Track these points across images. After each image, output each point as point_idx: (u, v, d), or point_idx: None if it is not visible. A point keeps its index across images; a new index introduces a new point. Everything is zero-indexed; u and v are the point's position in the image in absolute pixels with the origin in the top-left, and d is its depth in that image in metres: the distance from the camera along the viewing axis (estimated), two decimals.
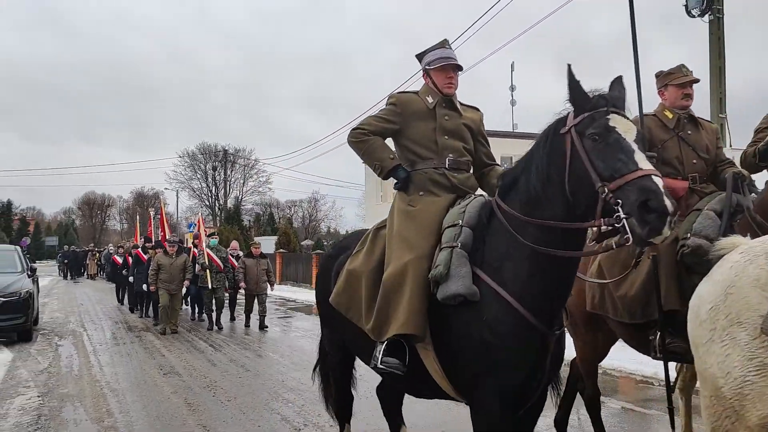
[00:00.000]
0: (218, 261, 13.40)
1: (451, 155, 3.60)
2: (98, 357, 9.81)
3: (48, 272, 37.68)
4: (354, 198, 73.31)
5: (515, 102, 36.07)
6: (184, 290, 13.89)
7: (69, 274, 33.98)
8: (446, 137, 3.62)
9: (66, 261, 34.93)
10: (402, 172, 3.58)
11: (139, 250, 15.78)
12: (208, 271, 13.12)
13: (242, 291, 13.57)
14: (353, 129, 3.73)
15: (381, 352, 3.22)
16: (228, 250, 14.75)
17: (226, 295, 14.09)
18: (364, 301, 3.42)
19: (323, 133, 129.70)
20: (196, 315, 14.93)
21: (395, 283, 3.20)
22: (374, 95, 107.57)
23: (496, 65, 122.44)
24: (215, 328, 12.94)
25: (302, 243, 47.66)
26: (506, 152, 30.60)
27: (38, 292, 14.57)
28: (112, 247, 31.80)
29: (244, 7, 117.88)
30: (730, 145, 11.42)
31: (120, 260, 18.85)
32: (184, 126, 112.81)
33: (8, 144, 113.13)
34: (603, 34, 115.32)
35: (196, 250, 14.25)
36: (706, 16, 11.76)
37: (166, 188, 72.01)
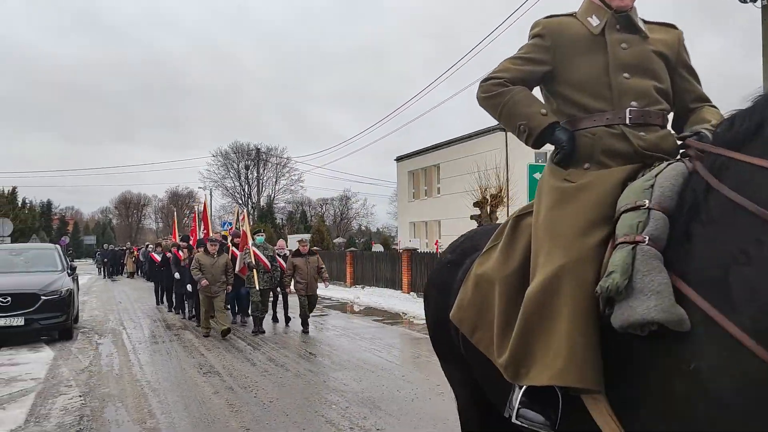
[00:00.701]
0: (265, 260, 12.46)
1: (635, 103, 2.38)
2: (138, 356, 9.77)
3: (86, 271, 38.34)
4: (385, 196, 73.16)
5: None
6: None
7: (108, 273, 34.14)
8: (626, 75, 2.40)
9: (105, 260, 35.00)
10: (563, 134, 2.41)
11: (177, 249, 15.11)
12: (255, 271, 12.19)
13: (293, 292, 12.52)
14: (483, 80, 2.63)
15: (518, 400, 2.18)
16: (275, 248, 13.84)
17: (273, 295, 13.38)
18: (496, 321, 2.37)
19: (356, 131, 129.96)
20: (238, 318, 13.82)
21: (543, 302, 2.11)
22: (408, 92, 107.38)
23: None
24: (260, 332, 11.89)
25: (334, 241, 47.76)
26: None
27: (78, 290, 14.69)
28: (150, 245, 32.07)
29: (281, 6, 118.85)
30: None
31: (158, 258, 17.98)
32: (218, 125, 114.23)
33: (49, 145, 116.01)
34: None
35: (235, 249, 13.09)
36: (759, 1, 11.24)
37: (199, 187, 72.89)
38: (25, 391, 7.39)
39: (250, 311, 12.59)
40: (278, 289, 13.25)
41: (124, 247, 39.28)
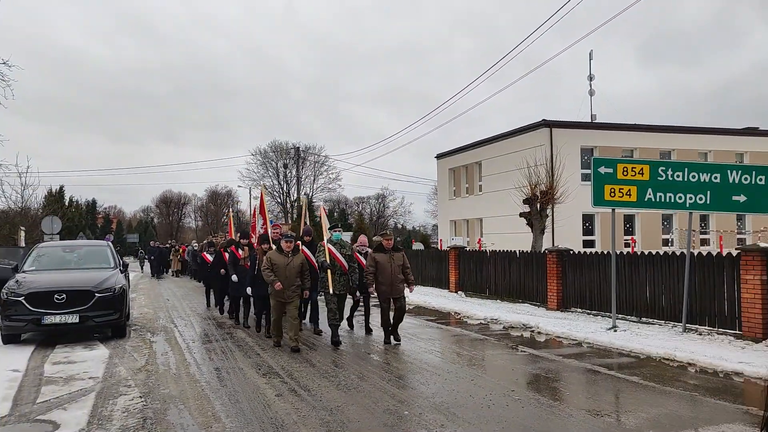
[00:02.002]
0: (342, 260, 10.64)
1: None
2: (193, 355, 9.57)
3: (134, 268, 38.78)
4: (423, 194, 72.68)
5: (594, 92, 34.47)
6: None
7: (154, 272, 33.46)
8: None
9: (152, 257, 33.98)
10: None
11: (234, 247, 13.46)
12: (329, 272, 10.44)
13: (374, 296, 10.81)
14: None
15: None
16: (355, 246, 11.94)
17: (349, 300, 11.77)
18: None
19: (394, 130, 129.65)
20: (311, 327, 12.20)
21: None
22: (447, 90, 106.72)
23: (574, 55, 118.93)
24: (339, 343, 10.21)
25: (373, 239, 47.57)
26: (585, 143, 29.47)
27: (129, 287, 14.64)
28: (195, 244, 31.91)
29: (322, 6, 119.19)
30: None
31: (210, 258, 16.44)
32: (259, 124, 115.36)
33: (94, 145, 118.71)
34: (691, 18, 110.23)
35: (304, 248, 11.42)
36: None
37: (239, 186, 73.64)
38: (85, 391, 7.22)
39: (328, 320, 10.52)
40: (357, 293, 11.52)
41: (169, 245, 39.16)
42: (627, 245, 26.80)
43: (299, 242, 11.15)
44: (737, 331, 10.42)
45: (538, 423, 5.78)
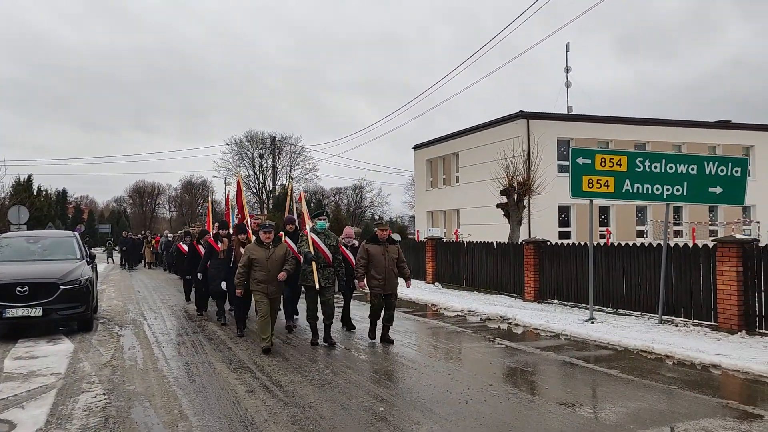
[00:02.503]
0: (326, 250, 9.54)
1: None
2: (162, 349, 9.27)
3: (102, 259, 38.03)
4: (400, 185, 72.51)
5: (570, 84, 34.62)
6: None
7: (127, 263, 32.54)
8: None
9: (124, 248, 32.86)
10: None
11: (212, 238, 12.44)
12: (314, 264, 9.35)
13: (363, 290, 10.10)
14: None
15: None
16: (341, 238, 11.03)
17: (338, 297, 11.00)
18: None
19: (373, 120, 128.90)
20: (292, 322, 11.15)
21: None
22: (428, 80, 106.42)
23: (553, 47, 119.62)
24: (324, 343, 9.42)
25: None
26: (562, 135, 29.50)
27: (97, 279, 14.23)
28: (169, 234, 31.26)
29: None
30: None
31: (186, 249, 15.50)
32: (235, 113, 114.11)
33: (66, 134, 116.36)
34: (669, 12, 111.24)
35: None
36: None
37: (214, 176, 72.74)
38: (46, 388, 6.90)
39: (307, 318, 9.68)
40: (340, 288, 10.69)
41: (142, 236, 38.27)
42: (602, 236, 26.90)
43: (282, 233, 10.34)
44: (713, 323, 10.41)
45: (517, 419, 5.62)
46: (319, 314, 9.53)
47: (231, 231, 12.16)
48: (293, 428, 5.36)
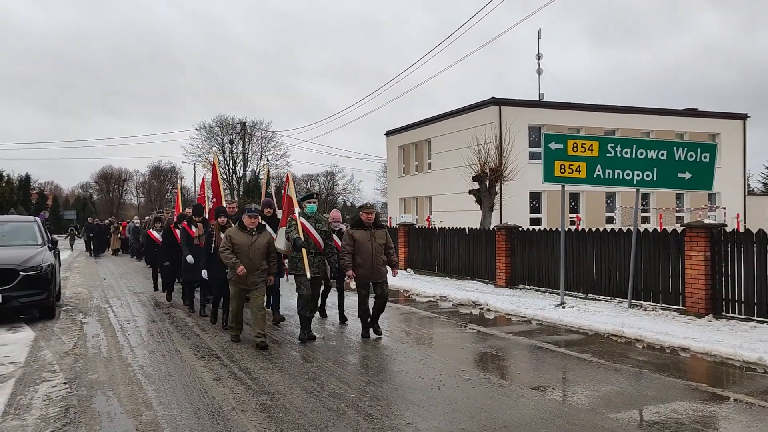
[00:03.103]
0: (317, 236, 8.73)
1: None
2: (127, 337, 9.03)
3: (65, 246, 37.23)
4: (373, 171, 72.33)
5: (542, 71, 34.73)
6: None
7: (93, 250, 31.60)
8: None
9: (91, 235, 31.88)
10: None
11: (186, 223, 11.43)
12: (304, 251, 8.45)
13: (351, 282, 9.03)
14: None
15: None
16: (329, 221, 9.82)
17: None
18: None
19: (347, 105, 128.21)
20: (278, 314, 10.27)
21: None
22: (403, 66, 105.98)
23: (527, 33, 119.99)
24: (310, 338, 8.61)
25: (323, 216, 46.97)
26: (533, 122, 29.61)
27: (60, 266, 13.85)
28: (137, 220, 30.49)
29: None
30: None
31: (158, 235, 14.53)
32: (206, 97, 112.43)
33: (28, 117, 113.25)
34: (641, 0, 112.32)
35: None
36: None
37: (183, 162, 71.65)
38: (4, 378, 6.65)
39: (297, 309, 8.68)
40: (332, 276, 9.57)
41: (109, 222, 37.31)
42: (572, 223, 27.15)
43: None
44: (681, 307, 10.52)
45: (489, 404, 5.57)
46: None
47: (206, 216, 11.49)
48: (262, 416, 5.23)
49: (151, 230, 15.65)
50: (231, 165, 68.43)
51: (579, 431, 4.82)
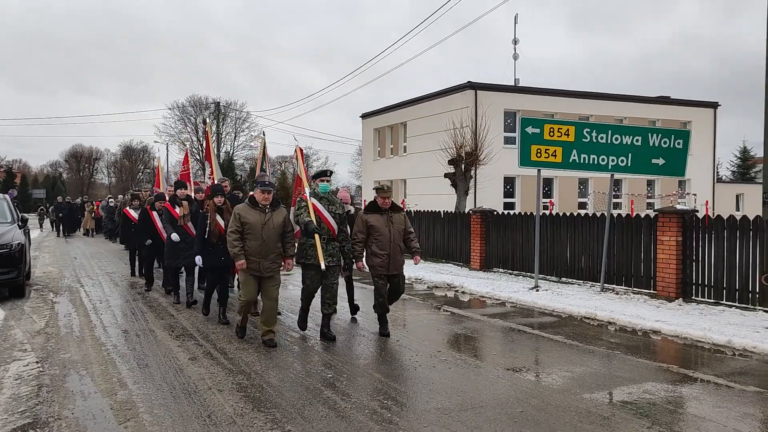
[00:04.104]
0: (330, 220, 7.57)
1: None
2: (100, 316, 8.91)
3: (34, 225, 36.52)
4: (348, 154, 72.04)
5: (518, 56, 34.85)
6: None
7: (63, 230, 30.56)
8: None
9: (60, 215, 30.65)
10: None
11: (168, 202, 10.34)
12: (317, 237, 7.28)
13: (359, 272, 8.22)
14: None
15: None
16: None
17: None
18: None
19: (324, 86, 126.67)
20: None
21: None
22: (381, 46, 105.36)
23: (507, 18, 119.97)
24: (322, 339, 7.47)
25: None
26: (509, 106, 29.73)
27: (30, 244, 13.59)
28: (112, 200, 29.81)
29: None
30: None
31: (135, 215, 13.22)
32: (180, 76, 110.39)
33: None
34: None
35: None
36: None
37: (155, 141, 70.61)
38: None
39: (302, 305, 7.86)
40: (345, 269, 8.43)
41: (81, 201, 36.27)
42: (545, 208, 27.41)
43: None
44: (652, 291, 10.71)
45: (465, 384, 5.62)
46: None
47: (191, 193, 10.55)
48: (238, 395, 5.21)
49: (127, 209, 14.54)
50: (204, 145, 67.60)
51: (553, 411, 4.90)
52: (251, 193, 7.37)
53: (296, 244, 7.61)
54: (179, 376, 5.79)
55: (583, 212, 13.82)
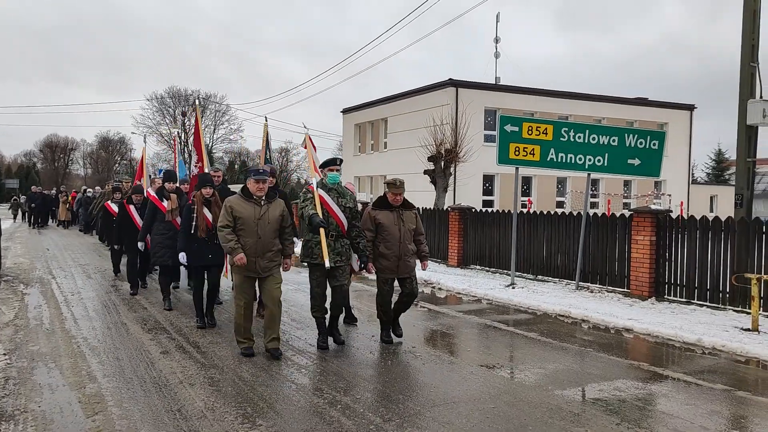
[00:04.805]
0: (339, 215, 6.68)
1: None
2: (71, 309, 8.77)
3: (6, 215, 35.89)
4: (328, 149, 71.72)
5: (499, 54, 35.02)
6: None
7: (35, 221, 29.66)
8: None
9: (33, 205, 29.60)
10: None
11: (153, 193, 9.29)
12: (322, 232, 6.45)
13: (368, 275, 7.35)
14: None
15: None
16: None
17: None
18: None
19: (307, 79, 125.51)
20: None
21: None
22: (367, 40, 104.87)
23: (490, 15, 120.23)
24: (334, 343, 6.94)
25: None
26: (489, 104, 29.86)
27: (0, 235, 13.35)
28: (89, 190, 29.06)
29: None
30: (761, 96, 10.65)
31: (116, 209, 11.86)
32: (161, 67, 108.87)
33: None
34: None
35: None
36: None
37: (133, 132, 69.75)
38: None
39: (311, 311, 6.82)
40: (361, 270, 7.09)
41: (57, 191, 35.36)
42: (524, 206, 27.60)
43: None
44: (626, 290, 10.82)
45: (440, 380, 5.63)
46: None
47: (178, 184, 9.54)
48: (210, 390, 5.17)
49: (109, 202, 13.59)
50: (183, 138, 67.00)
51: (525, 407, 4.92)
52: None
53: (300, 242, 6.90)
54: (150, 370, 5.72)
55: (560, 211, 13.92)
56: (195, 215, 7.55)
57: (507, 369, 6.17)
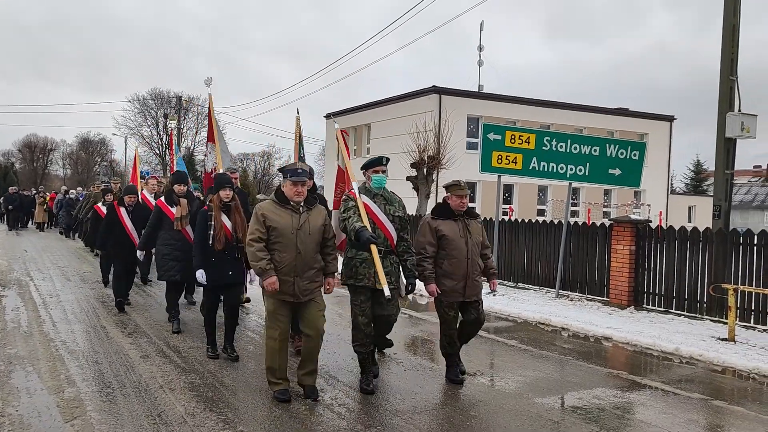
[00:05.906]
0: (388, 227, 5.53)
1: None
2: (49, 311, 8.67)
3: None
4: (311, 154, 71.65)
5: (483, 62, 35.24)
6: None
7: (14, 223, 28.72)
8: None
9: (10, 207, 28.60)
10: None
11: (148, 196, 8.91)
12: (374, 249, 5.13)
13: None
14: None
15: None
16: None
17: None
18: None
19: (292, 83, 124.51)
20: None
21: None
22: (355, 44, 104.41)
23: (478, 20, 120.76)
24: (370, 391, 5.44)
25: (257, 196, 46.33)
26: (472, 112, 30.06)
27: None
28: (71, 191, 28.37)
29: None
30: (739, 109, 10.84)
31: (104, 210, 10.39)
32: (145, 67, 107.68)
33: None
34: None
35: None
36: None
37: (114, 134, 69.17)
38: None
39: (353, 343, 5.62)
40: (408, 293, 5.76)
41: (35, 192, 34.59)
42: (505, 214, 27.77)
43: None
44: (605, 298, 10.94)
45: (420, 386, 5.66)
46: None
47: (189, 188, 8.22)
48: (191, 395, 5.14)
49: (99, 205, 12.49)
50: (165, 140, 66.48)
51: (505, 415, 4.96)
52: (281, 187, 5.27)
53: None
54: (130, 374, 5.68)
55: (541, 219, 14.03)
56: (212, 223, 6.29)
57: (487, 376, 6.21)
